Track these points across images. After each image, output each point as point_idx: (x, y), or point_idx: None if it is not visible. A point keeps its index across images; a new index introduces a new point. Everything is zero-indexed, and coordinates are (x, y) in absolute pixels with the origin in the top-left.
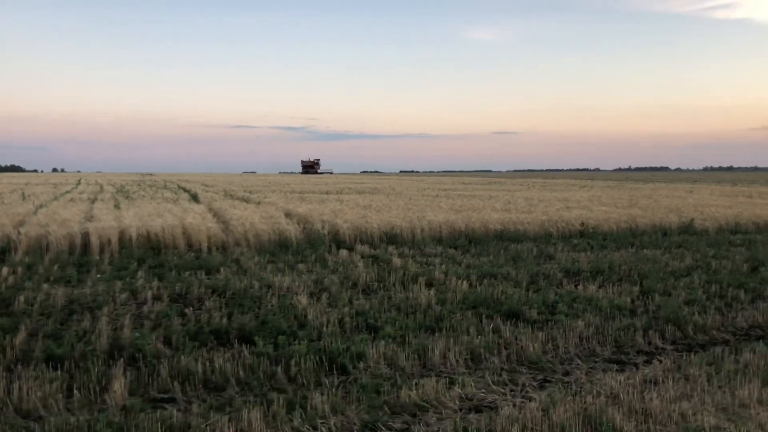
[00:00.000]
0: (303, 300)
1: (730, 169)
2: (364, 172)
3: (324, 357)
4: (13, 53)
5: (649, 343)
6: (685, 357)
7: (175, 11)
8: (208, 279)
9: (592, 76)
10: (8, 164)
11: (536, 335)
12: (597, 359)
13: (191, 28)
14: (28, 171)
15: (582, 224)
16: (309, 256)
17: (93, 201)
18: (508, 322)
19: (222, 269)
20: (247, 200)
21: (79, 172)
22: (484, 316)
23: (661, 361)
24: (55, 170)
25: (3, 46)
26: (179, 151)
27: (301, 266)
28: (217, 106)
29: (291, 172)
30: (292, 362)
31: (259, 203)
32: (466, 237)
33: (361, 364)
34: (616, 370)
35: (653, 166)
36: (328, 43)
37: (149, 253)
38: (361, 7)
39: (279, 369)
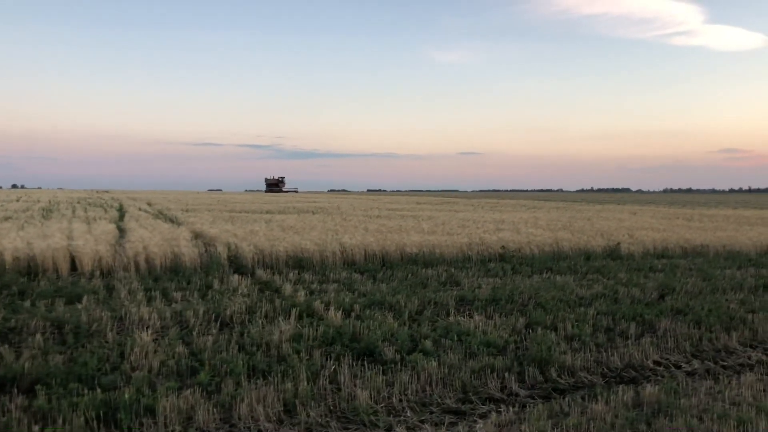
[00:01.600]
0: (145, 336)
1: (689, 191)
2: (331, 190)
3: (105, 411)
4: None
5: (503, 388)
6: (530, 408)
7: (140, 28)
8: (65, 309)
9: (556, 99)
10: None
11: (376, 380)
12: (435, 409)
13: (158, 46)
14: None
15: (503, 247)
16: (196, 282)
17: (5, 220)
18: (358, 362)
19: (86, 298)
20: (173, 220)
21: (39, 188)
22: (333, 355)
23: (500, 413)
24: (14, 186)
25: None
26: (145, 169)
27: (177, 294)
28: (183, 124)
29: (257, 190)
30: (60, 419)
31: (180, 223)
32: (382, 261)
33: (148, 421)
34: (449, 423)
35: (615, 187)
36: (295, 61)
37: (20, 278)
38: (330, 27)
39: (37, 429)
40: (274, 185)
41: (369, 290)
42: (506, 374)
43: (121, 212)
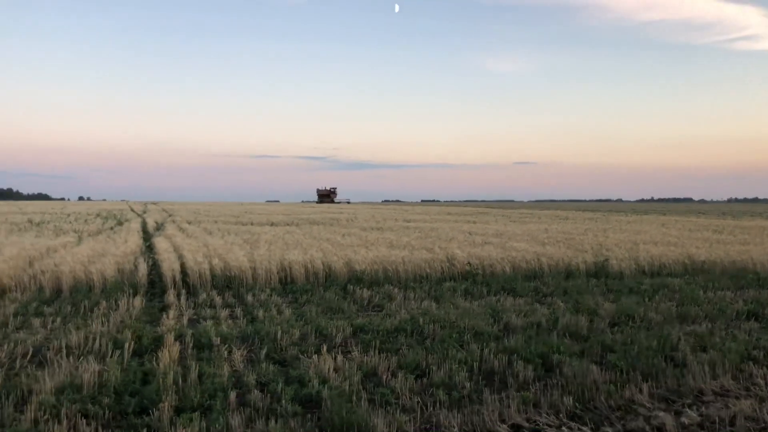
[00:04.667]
0: None
1: (755, 200)
2: (385, 201)
3: None
4: (41, 86)
5: None
6: None
7: (198, 43)
8: None
9: (614, 107)
10: (36, 192)
11: None
12: None
13: (215, 59)
14: (55, 199)
15: (468, 264)
16: (79, 304)
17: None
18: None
19: None
20: (151, 233)
21: (104, 200)
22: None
23: None
24: (81, 198)
25: (32, 79)
26: (202, 181)
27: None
28: (242, 137)
29: (312, 201)
30: None
31: (152, 237)
32: (325, 279)
33: None
34: None
35: (676, 197)
36: (350, 74)
37: None
38: (383, 39)
39: None
40: (326, 196)
41: (263, 317)
42: None
43: (116, 224)
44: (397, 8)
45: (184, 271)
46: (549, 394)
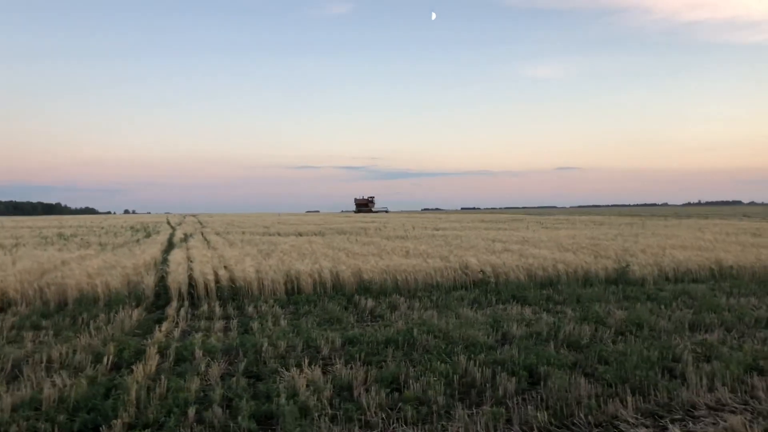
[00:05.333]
0: None
1: None
2: (425, 209)
3: None
4: (86, 102)
5: None
6: None
7: (239, 58)
8: None
9: (658, 110)
10: (84, 206)
11: None
12: None
13: (255, 72)
14: (101, 213)
15: (482, 272)
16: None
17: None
18: None
19: None
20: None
21: (148, 213)
22: None
23: None
24: (126, 212)
25: (78, 95)
26: (244, 192)
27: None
28: (282, 148)
29: (351, 210)
30: None
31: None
32: (333, 288)
33: None
34: None
35: (725, 200)
36: (388, 82)
37: None
38: (421, 46)
39: None
40: (364, 205)
41: (257, 329)
42: None
43: (145, 236)
44: (434, 16)
45: (191, 282)
46: (524, 410)
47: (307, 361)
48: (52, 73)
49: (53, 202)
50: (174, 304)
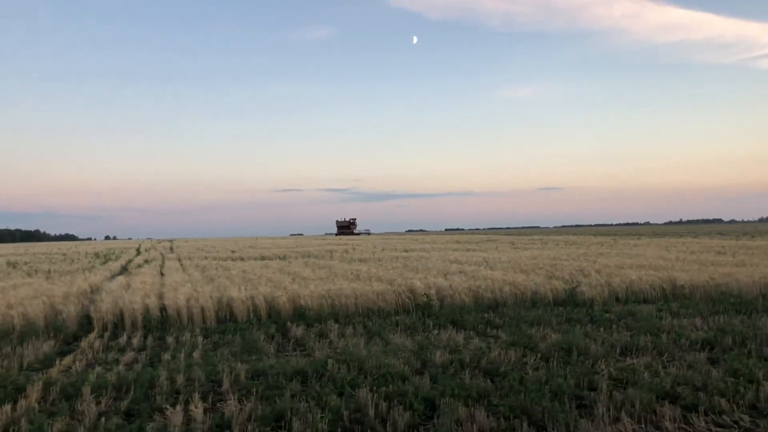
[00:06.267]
0: None
1: None
2: (409, 231)
3: None
4: (62, 127)
5: None
6: None
7: (219, 81)
8: None
9: (637, 129)
10: (63, 233)
11: None
12: None
13: (236, 98)
14: (82, 239)
15: (425, 296)
16: None
17: None
18: None
19: None
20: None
21: (129, 239)
22: None
23: None
24: (107, 238)
25: (54, 120)
26: (227, 216)
27: None
28: (265, 171)
29: (333, 234)
30: None
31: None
32: (268, 315)
33: None
34: None
35: (706, 218)
36: (369, 107)
37: None
38: (402, 71)
39: None
40: (346, 227)
41: (167, 360)
42: None
43: (102, 263)
44: (415, 39)
45: (122, 311)
46: None
47: (198, 396)
48: (30, 98)
49: (32, 229)
50: (93, 335)
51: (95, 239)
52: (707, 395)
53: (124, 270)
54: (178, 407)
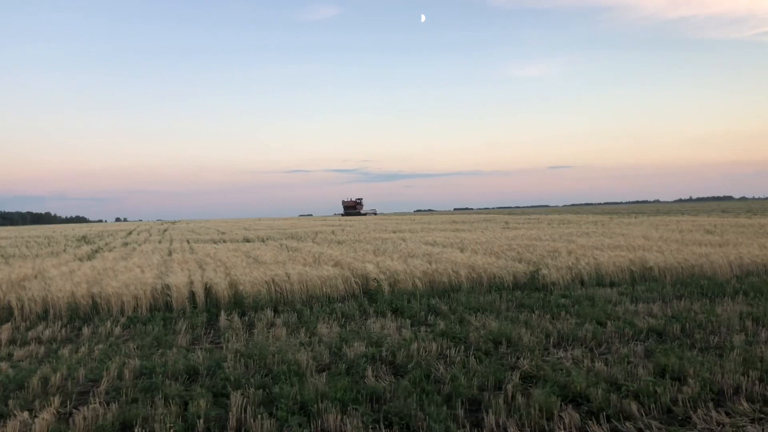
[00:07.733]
0: None
1: None
2: (417, 211)
3: None
4: (73, 111)
5: None
6: None
7: (227, 62)
8: None
9: (647, 107)
10: (73, 215)
11: None
12: None
13: (244, 78)
14: (92, 221)
15: (375, 280)
16: None
17: None
18: None
19: None
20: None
21: (140, 220)
22: None
23: None
24: (118, 219)
25: (65, 105)
26: (236, 198)
27: None
28: (274, 152)
29: (341, 214)
30: None
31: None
32: (209, 303)
33: None
34: None
35: (717, 195)
36: (377, 85)
37: None
38: (410, 51)
39: None
40: (352, 207)
41: (66, 355)
42: None
43: (77, 246)
44: (423, 18)
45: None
46: None
47: (59, 400)
48: (42, 83)
49: (42, 211)
50: (7, 325)
51: (105, 221)
52: (619, 397)
53: (93, 255)
54: (26, 413)
